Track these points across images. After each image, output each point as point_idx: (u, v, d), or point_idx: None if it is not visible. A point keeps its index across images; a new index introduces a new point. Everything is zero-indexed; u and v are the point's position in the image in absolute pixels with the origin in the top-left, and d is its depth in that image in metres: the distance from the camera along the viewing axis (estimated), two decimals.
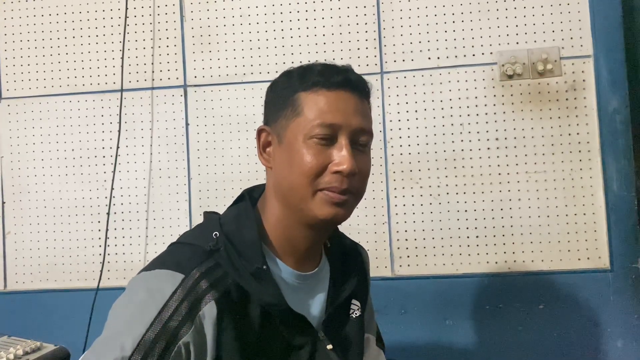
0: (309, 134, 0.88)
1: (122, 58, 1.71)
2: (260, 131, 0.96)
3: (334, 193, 0.88)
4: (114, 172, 1.69)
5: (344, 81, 0.89)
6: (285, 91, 0.92)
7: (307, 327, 0.92)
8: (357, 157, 0.89)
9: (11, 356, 0.99)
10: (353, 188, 0.89)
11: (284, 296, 0.89)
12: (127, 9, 1.71)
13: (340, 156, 0.87)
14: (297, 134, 0.89)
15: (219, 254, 0.88)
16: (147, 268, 0.88)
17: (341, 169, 0.87)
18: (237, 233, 0.91)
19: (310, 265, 0.97)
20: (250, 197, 0.97)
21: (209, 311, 0.83)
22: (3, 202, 1.76)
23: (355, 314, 1.02)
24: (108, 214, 1.68)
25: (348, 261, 1.05)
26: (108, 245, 1.69)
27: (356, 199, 0.92)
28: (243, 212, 0.95)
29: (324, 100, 0.89)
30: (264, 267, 0.89)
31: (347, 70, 0.92)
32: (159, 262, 0.88)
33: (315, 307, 0.96)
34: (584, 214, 1.55)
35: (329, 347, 0.93)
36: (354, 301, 1.03)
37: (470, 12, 1.61)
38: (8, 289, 1.75)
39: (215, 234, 0.90)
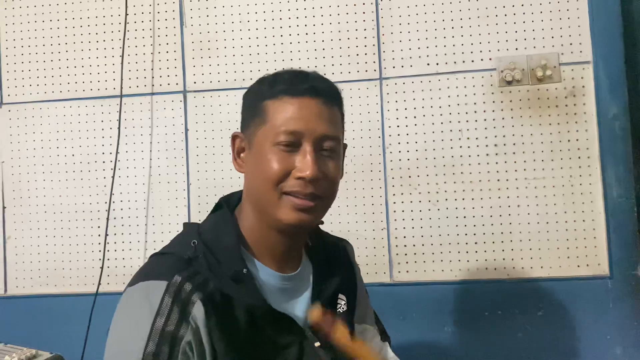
0: (274, 141, 0.90)
1: (122, 64, 1.71)
2: (234, 137, 0.99)
3: (297, 198, 0.90)
4: (113, 177, 1.69)
5: (309, 89, 0.91)
6: (255, 98, 0.96)
7: (293, 327, 0.93)
8: (322, 162, 0.91)
9: None
10: (320, 192, 0.91)
11: (265, 297, 0.91)
12: (127, 15, 1.72)
13: (303, 162, 0.89)
14: (264, 141, 0.92)
15: (198, 261, 0.90)
16: (131, 283, 0.89)
17: (303, 174, 0.89)
18: (215, 240, 0.93)
19: (292, 267, 0.99)
20: (228, 204, 1.00)
21: (198, 311, 0.85)
22: (4, 207, 1.77)
23: (342, 308, 1.04)
24: (107, 218, 1.69)
25: (331, 259, 1.06)
26: (107, 250, 1.70)
27: (324, 204, 0.94)
28: (221, 219, 0.97)
29: (288, 108, 0.91)
30: (244, 270, 0.90)
31: (313, 78, 0.94)
32: (141, 275, 0.90)
33: (300, 306, 0.97)
34: (584, 220, 1.54)
35: (317, 344, 0.94)
36: (340, 296, 1.04)
37: (469, 18, 1.61)
38: (8, 293, 1.75)
39: (194, 242, 0.92)
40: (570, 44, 1.57)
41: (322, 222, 1.02)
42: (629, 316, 1.51)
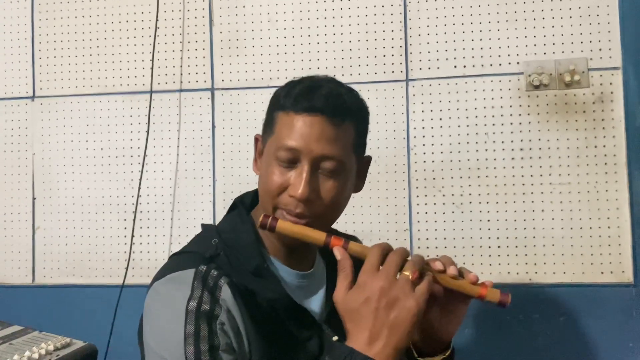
0: (275, 154, 0.91)
1: (152, 60, 1.74)
2: (256, 139, 1.01)
3: (289, 214, 0.91)
4: (141, 171, 1.72)
5: (311, 107, 0.90)
6: (271, 106, 0.97)
7: (312, 321, 0.95)
8: (320, 182, 0.90)
9: (42, 351, 1.02)
10: (311, 213, 0.90)
11: (286, 291, 0.93)
12: (157, 12, 1.75)
13: (296, 181, 0.89)
14: (269, 151, 0.93)
15: (219, 258, 0.91)
16: (157, 278, 0.91)
17: (293, 193, 0.89)
18: (235, 239, 0.94)
19: (306, 265, 1.01)
20: (243, 204, 1.01)
21: (226, 295, 0.87)
22: (34, 198, 1.81)
23: None
24: (135, 212, 1.72)
25: None
26: (133, 244, 1.73)
27: (319, 223, 0.92)
28: (238, 218, 0.99)
29: (291, 123, 0.91)
30: (265, 265, 0.92)
31: (324, 95, 0.91)
32: (166, 270, 0.92)
33: (315, 304, 0.99)
34: (609, 227, 1.53)
35: (335, 338, 0.95)
36: None
37: (498, 22, 1.61)
38: (36, 282, 1.79)
39: (215, 241, 0.93)
40: (600, 49, 1.56)
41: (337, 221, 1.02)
42: None
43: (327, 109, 0.90)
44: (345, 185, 0.94)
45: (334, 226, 1.08)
